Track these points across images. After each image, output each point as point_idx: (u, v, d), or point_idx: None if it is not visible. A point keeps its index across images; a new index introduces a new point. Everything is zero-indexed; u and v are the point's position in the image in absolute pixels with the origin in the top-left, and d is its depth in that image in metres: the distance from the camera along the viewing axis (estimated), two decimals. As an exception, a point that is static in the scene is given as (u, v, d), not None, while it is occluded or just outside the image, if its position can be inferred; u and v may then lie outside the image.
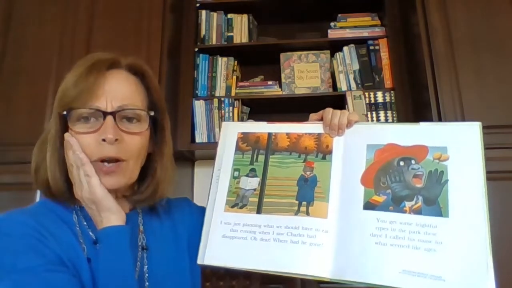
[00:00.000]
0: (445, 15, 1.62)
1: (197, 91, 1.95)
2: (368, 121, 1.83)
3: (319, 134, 0.78)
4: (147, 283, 0.69)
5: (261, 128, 0.81)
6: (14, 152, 1.56)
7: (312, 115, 0.81)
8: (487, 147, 1.53)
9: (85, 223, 0.68)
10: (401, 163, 0.71)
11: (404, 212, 0.67)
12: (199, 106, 1.91)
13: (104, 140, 0.64)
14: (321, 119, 0.78)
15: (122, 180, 0.68)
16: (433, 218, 0.66)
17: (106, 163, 0.66)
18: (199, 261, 0.72)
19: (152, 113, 0.71)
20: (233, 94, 1.95)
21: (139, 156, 0.70)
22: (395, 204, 0.68)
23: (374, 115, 1.83)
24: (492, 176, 1.42)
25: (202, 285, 0.93)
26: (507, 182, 1.46)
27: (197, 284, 0.80)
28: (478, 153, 0.69)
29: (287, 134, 0.79)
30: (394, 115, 1.82)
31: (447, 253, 0.63)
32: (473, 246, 0.63)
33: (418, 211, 0.67)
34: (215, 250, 0.72)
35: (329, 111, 0.78)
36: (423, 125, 0.75)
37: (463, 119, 1.52)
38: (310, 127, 0.79)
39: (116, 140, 0.65)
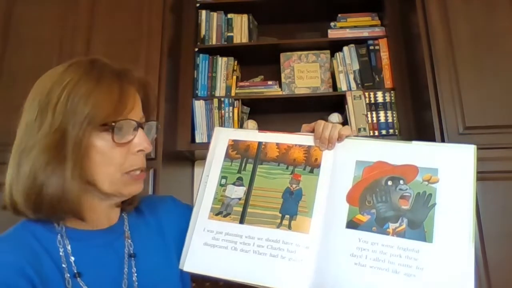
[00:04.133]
0: (445, 15, 1.62)
1: (197, 91, 1.95)
2: (368, 121, 1.83)
3: (309, 147, 0.76)
4: None
5: (252, 136, 0.80)
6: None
7: (304, 126, 0.79)
8: (487, 147, 1.52)
9: (68, 248, 0.64)
10: (389, 183, 0.69)
11: (387, 234, 0.65)
12: (199, 106, 1.90)
13: (140, 150, 0.66)
14: (313, 131, 0.76)
15: (142, 186, 0.70)
16: (416, 242, 0.64)
17: (137, 171, 0.67)
18: (180, 267, 0.72)
19: (159, 125, 0.74)
20: (233, 94, 1.95)
21: None
22: (379, 225, 0.66)
23: (374, 115, 1.83)
24: (492, 176, 1.45)
25: (202, 285, 0.92)
26: (507, 182, 1.46)
27: (187, 286, 0.79)
28: (470, 177, 0.66)
29: (277, 144, 0.78)
30: (394, 115, 1.82)
31: (427, 280, 0.61)
32: (455, 275, 0.61)
33: (401, 234, 0.65)
34: (196, 258, 0.71)
35: (320, 123, 0.76)
36: (415, 144, 0.72)
37: (463, 119, 1.52)
38: (301, 139, 0.77)
39: None
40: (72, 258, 0.63)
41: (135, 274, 0.69)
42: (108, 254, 0.68)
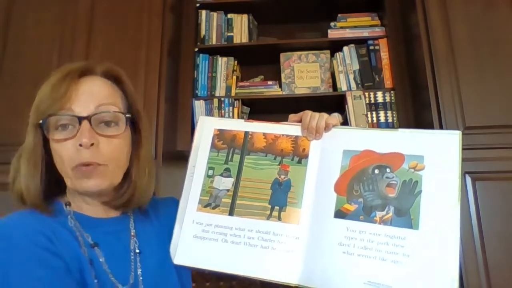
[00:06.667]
0: (445, 15, 1.62)
1: (197, 91, 1.95)
2: (368, 121, 1.83)
3: (296, 137, 0.76)
4: (142, 287, 0.69)
5: (238, 126, 0.79)
6: (15, 152, 1.56)
7: (292, 116, 0.78)
8: (487, 147, 1.52)
9: (80, 227, 0.67)
10: (376, 171, 0.69)
11: (374, 222, 0.66)
12: (199, 106, 1.91)
13: (80, 145, 0.64)
14: (300, 121, 0.76)
15: (103, 183, 0.67)
16: (402, 230, 0.64)
17: (84, 167, 0.66)
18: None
19: (128, 115, 0.71)
20: (233, 94, 1.95)
21: (119, 159, 0.69)
22: (366, 213, 0.67)
23: (374, 115, 1.83)
24: (492, 176, 1.45)
25: (202, 285, 0.92)
26: (507, 182, 1.46)
27: (187, 285, 0.80)
28: (456, 164, 0.66)
29: (264, 134, 0.77)
30: (394, 115, 1.82)
31: (413, 267, 0.62)
32: (440, 261, 0.61)
33: (388, 222, 0.66)
34: (186, 250, 0.71)
35: (307, 113, 0.75)
36: (401, 131, 0.72)
37: (463, 119, 1.52)
38: (288, 129, 0.77)
39: (92, 144, 0.64)
40: (87, 234, 0.67)
41: (140, 270, 0.70)
42: (115, 240, 0.70)
